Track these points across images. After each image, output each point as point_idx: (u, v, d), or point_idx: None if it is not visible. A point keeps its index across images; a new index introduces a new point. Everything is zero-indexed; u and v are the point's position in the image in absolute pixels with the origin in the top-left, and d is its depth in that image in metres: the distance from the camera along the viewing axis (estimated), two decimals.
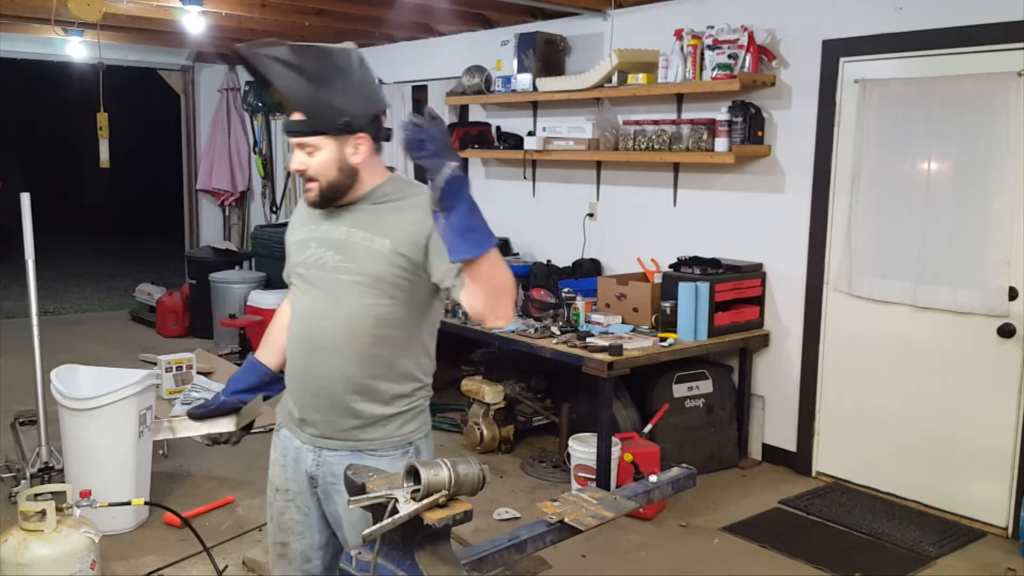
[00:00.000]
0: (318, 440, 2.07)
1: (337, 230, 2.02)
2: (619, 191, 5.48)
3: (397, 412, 2.05)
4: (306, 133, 1.95)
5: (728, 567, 3.65)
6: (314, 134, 1.94)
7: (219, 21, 6.25)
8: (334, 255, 2.00)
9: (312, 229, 2.06)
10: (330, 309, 2.00)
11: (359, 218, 2.01)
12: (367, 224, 2.00)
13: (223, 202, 9.26)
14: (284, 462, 2.16)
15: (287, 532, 2.18)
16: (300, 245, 2.08)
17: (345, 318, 1.98)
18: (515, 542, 1.65)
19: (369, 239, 1.98)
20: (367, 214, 2.01)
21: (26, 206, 3.82)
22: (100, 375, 4.05)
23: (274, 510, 2.20)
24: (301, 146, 1.97)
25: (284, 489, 2.16)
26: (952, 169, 4.01)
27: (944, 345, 4.09)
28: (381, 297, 1.97)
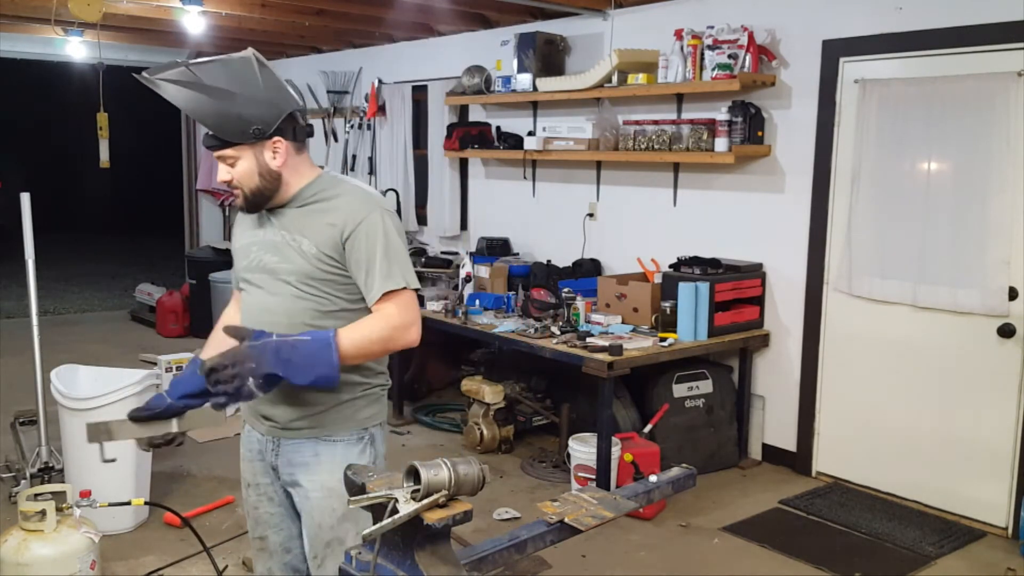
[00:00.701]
0: (275, 431, 2.13)
1: (273, 233, 2.10)
2: (619, 191, 5.48)
3: (351, 398, 2.10)
4: (219, 146, 2.02)
5: (728, 567, 3.65)
6: (227, 146, 2.01)
7: (219, 21, 6.25)
8: (271, 256, 2.08)
9: (253, 234, 2.15)
10: (270, 306, 2.07)
11: (288, 221, 2.09)
12: (294, 226, 2.07)
13: (223, 202, 9.25)
14: (250, 456, 2.22)
15: (264, 526, 2.23)
16: (243, 250, 2.17)
17: (284, 313, 2.05)
18: (515, 542, 1.65)
19: (297, 241, 2.06)
20: (294, 216, 2.08)
21: (26, 206, 3.82)
22: (100, 375, 4.05)
23: (248, 505, 2.25)
24: (221, 158, 2.04)
25: (255, 483, 2.22)
26: (952, 169, 4.01)
27: (944, 345, 4.09)
28: (315, 292, 2.05)
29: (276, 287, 2.07)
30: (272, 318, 2.04)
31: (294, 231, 2.06)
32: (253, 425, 2.19)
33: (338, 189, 2.09)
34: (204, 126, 2.03)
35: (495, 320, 4.82)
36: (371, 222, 2.02)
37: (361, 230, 2.01)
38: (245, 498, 2.26)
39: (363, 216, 2.02)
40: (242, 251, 2.18)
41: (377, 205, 2.06)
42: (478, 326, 4.73)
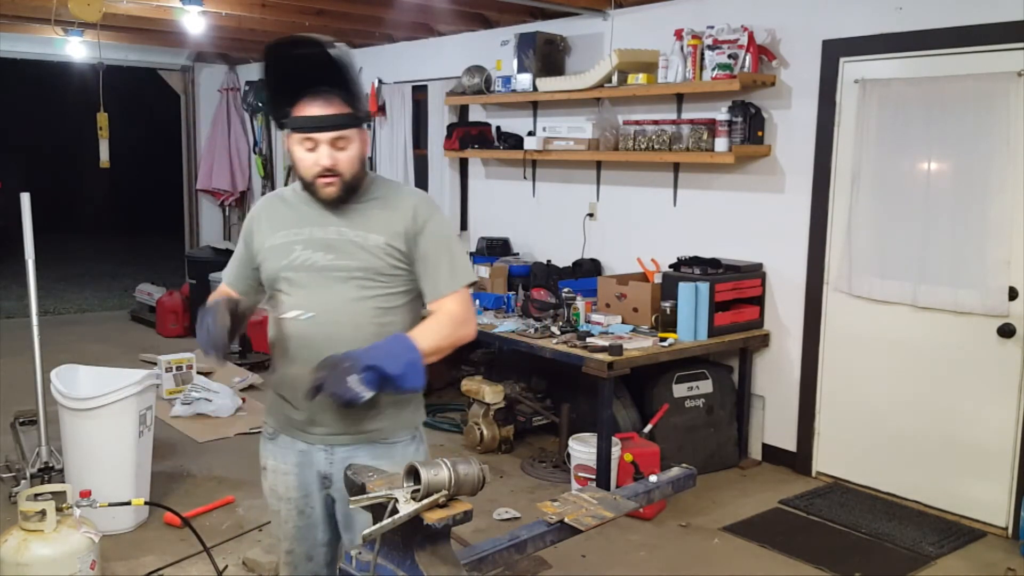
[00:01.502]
0: (330, 438, 2.07)
1: (324, 231, 2.03)
2: (619, 191, 5.48)
3: (404, 400, 2.09)
4: (347, 125, 1.96)
5: (728, 567, 3.65)
6: (353, 126, 1.97)
7: (219, 21, 6.25)
8: (325, 255, 2.02)
9: (293, 232, 2.06)
10: (328, 306, 2.00)
11: (349, 217, 2.03)
12: (359, 222, 2.03)
13: (223, 202, 9.26)
14: (286, 469, 2.13)
15: (292, 539, 2.18)
16: (282, 249, 2.06)
17: (347, 312, 1.99)
18: (515, 542, 1.65)
19: (363, 236, 2.02)
20: (357, 213, 2.04)
21: (26, 206, 3.82)
22: (100, 375, 4.05)
23: (280, 519, 2.19)
24: (339, 139, 1.96)
25: (287, 498, 2.15)
26: (952, 169, 4.01)
27: (944, 345, 4.09)
28: (380, 288, 2.02)
29: (331, 285, 2.01)
30: (333, 317, 1.99)
31: (358, 227, 2.02)
32: (296, 436, 2.11)
33: (394, 186, 2.12)
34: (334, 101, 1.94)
35: (495, 320, 4.82)
36: (438, 220, 2.08)
37: (431, 227, 2.05)
38: (276, 511, 2.19)
39: (430, 213, 2.07)
40: (279, 249, 2.07)
41: (435, 204, 2.13)
42: (478, 326, 4.72)
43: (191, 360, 5.95)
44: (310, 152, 1.96)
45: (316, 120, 1.94)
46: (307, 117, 1.94)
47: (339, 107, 1.95)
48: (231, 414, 5.46)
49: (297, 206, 2.09)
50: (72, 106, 11.23)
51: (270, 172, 8.86)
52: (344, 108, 1.95)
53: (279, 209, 2.13)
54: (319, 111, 1.94)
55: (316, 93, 1.94)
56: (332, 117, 1.94)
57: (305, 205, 2.07)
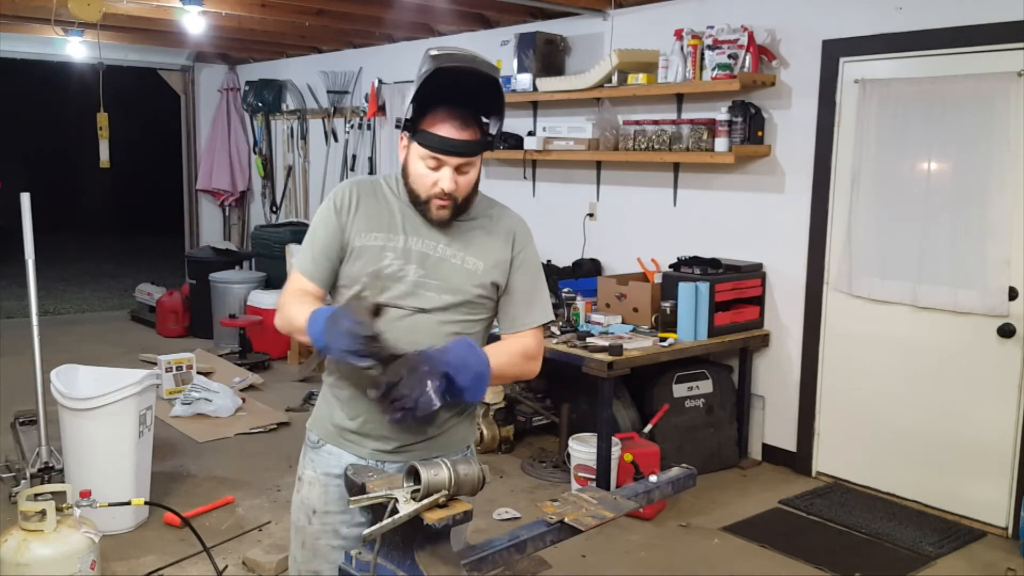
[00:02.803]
0: (383, 455, 1.96)
1: (422, 244, 1.92)
2: (619, 191, 5.48)
3: (459, 420, 2.02)
4: (480, 152, 1.87)
5: (728, 567, 3.65)
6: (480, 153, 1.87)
7: (219, 21, 6.25)
8: (417, 268, 1.90)
9: (388, 237, 1.92)
10: (410, 323, 1.89)
11: (451, 235, 1.93)
12: (460, 242, 1.93)
13: (223, 202, 9.26)
14: (326, 481, 2.00)
15: (321, 560, 2.02)
16: (375, 252, 1.92)
17: (427, 334, 1.88)
18: (515, 542, 1.65)
19: (461, 258, 1.92)
20: (459, 232, 1.94)
21: (26, 206, 3.82)
22: (100, 375, 4.05)
23: (308, 535, 2.03)
24: (461, 166, 1.85)
25: (323, 512, 2.01)
26: (952, 169, 4.01)
27: (944, 345, 4.09)
28: (465, 315, 1.94)
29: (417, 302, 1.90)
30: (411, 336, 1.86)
31: (458, 246, 1.92)
32: (347, 448, 1.98)
33: (495, 208, 2.02)
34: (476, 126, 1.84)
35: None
36: (533, 250, 2.01)
37: (526, 256, 1.99)
38: (302, 527, 2.04)
39: (527, 242, 2.00)
40: (371, 252, 1.92)
41: (530, 233, 2.03)
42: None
43: (191, 360, 5.95)
44: (432, 171, 1.85)
45: (451, 144, 1.82)
46: (442, 138, 1.82)
47: (475, 132, 1.85)
48: (231, 414, 5.45)
49: (395, 207, 1.95)
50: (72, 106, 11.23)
51: (270, 172, 8.86)
52: (478, 134, 1.85)
53: (375, 204, 1.96)
54: (455, 134, 1.82)
55: (455, 111, 1.84)
56: (468, 144, 1.83)
57: (404, 209, 1.94)
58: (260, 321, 6.87)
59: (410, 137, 1.87)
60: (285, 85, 8.47)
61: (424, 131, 1.84)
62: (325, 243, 1.95)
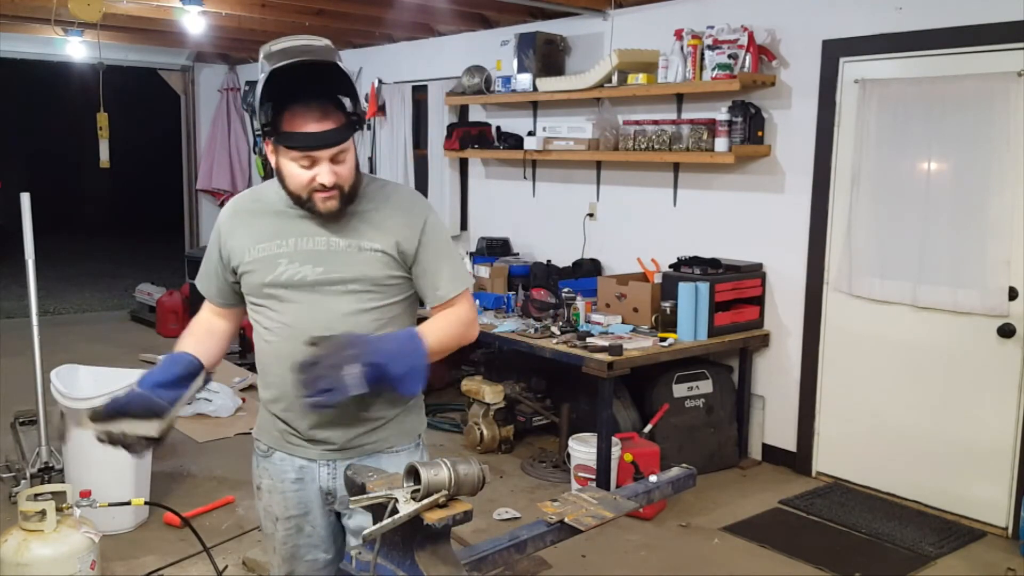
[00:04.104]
0: (332, 454, 1.97)
1: (313, 242, 1.89)
2: (619, 191, 5.48)
3: (404, 408, 2.02)
4: (348, 137, 1.82)
5: (728, 567, 3.65)
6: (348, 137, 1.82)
7: (219, 21, 6.25)
8: (314, 267, 1.88)
9: (276, 244, 1.90)
10: (321, 321, 1.87)
11: (340, 226, 1.89)
12: (351, 229, 1.90)
13: (223, 202, 9.25)
14: (283, 488, 2.01)
15: (294, 560, 2.06)
16: (267, 262, 1.90)
17: (344, 327, 1.85)
18: (515, 542, 1.65)
19: (356, 245, 1.89)
20: (348, 219, 1.90)
21: (26, 206, 3.82)
22: (100, 375, 4.05)
23: (276, 541, 2.07)
24: (339, 153, 1.81)
25: (286, 516, 2.03)
26: (952, 169, 4.01)
27: (944, 345, 4.09)
28: (376, 298, 1.92)
29: (324, 300, 1.88)
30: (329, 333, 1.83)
31: (350, 234, 1.89)
32: (295, 452, 1.99)
33: (384, 187, 1.97)
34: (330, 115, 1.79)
35: (495, 320, 4.82)
36: (435, 221, 1.98)
37: (428, 232, 1.95)
38: (271, 533, 2.07)
39: (425, 216, 1.96)
40: (261, 264, 1.91)
41: (428, 204, 2.02)
42: (479, 326, 4.72)
43: None
44: (305, 169, 1.81)
45: (316, 138, 1.78)
46: (305, 135, 1.77)
47: (337, 119, 1.80)
48: (231, 414, 5.45)
49: (275, 213, 1.93)
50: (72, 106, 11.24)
51: (270, 172, 8.84)
52: (341, 118, 1.80)
53: (254, 217, 1.95)
54: (317, 126, 1.77)
55: (309, 103, 1.79)
56: (333, 133, 1.78)
57: (286, 212, 1.91)
58: None
59: (275, 141, 1.83)
60: None
61: (287, 132, 1.79)
62: (215, 266, 2.01)
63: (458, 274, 2.00)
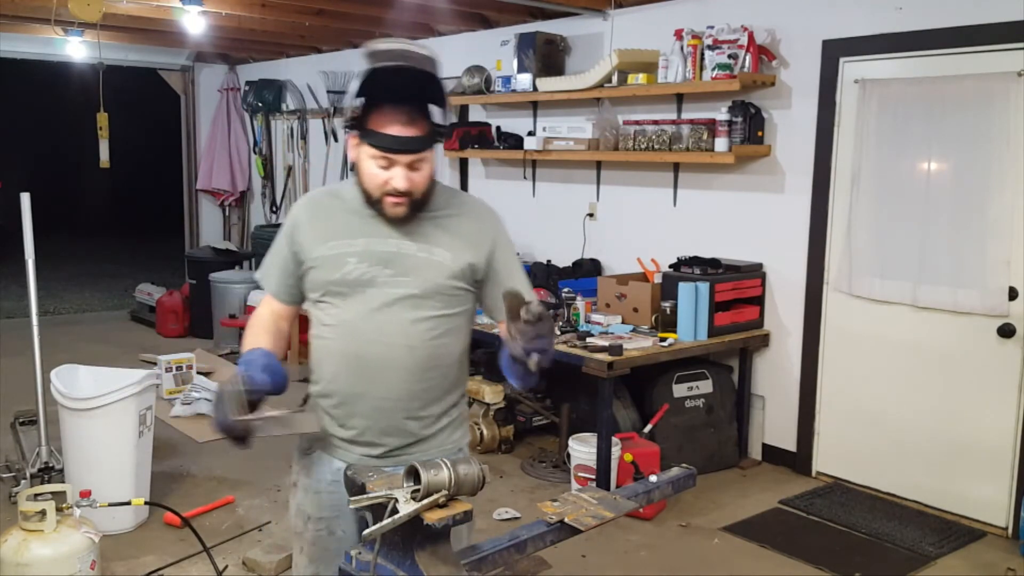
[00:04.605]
0: (372, 460, 1.94)
1: (384, 244, 1.89)
2: (619, 191, 5.48)
3: (449, 422, 2.01)
4: (430, 147, 1.83)
5: (728, 567, 3.65)
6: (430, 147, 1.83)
7: (219, 21, 6.25)
8: (383, 269, 1.88)
9: (346, 243, 1.91)
10: (383, 325, 1.88)
11: (413, 231, 1.90)
12: (423, 236, 1.90)
13: (223, 202, 9.26)
14: (318, 487, 2.00)
15: (318, 563, 2.03)
16: (334, 261, 1.90)
17: (402, 334, 1.87)
18: (515, 542, 1.65)
19: (428, 250, 1.89)
20: (422, 226, 1.90)
21: (26, 206, 3.82)
22: (100, 375, 4.05)
23: (305, 540, 2.05)
24: (417, 161, 1.82)
25: (318, 517, 2.01)
26: (952, 169, 4.01)
27: (944, 345, 4.09)
28: (439, 309, 1.91)
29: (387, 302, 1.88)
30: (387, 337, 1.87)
31: (422, 240, 1.89)
32: (335, 454, 1.98)
33: (459, 198, 1.99)
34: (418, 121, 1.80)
35: None
36: (504, 236, 2.00)
37: (501, 243, 1.97)
38: (299, 532, 2.06)
39: (499, 228, 1.99)
40: (332, 261, 1.90)
41: (499, 217, 2.03)
42: (478, 326, 4.71)
43: (191, 360, 5.95)
44: (383, 169, 1.82)
45: (398, 141, 1.79)
46: (388, 136, 1.79)
47: (422, 127, 1.81)
48: None
49: (351, 212, 1.93)
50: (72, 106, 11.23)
51: (270, 172, 8.86)
52: (426, 127, 1.82)
53: (329, 213, 1.96)
54: (401, 131, 1.79)
55: (399, 106, 1.80)
56: (415, 140, 1.80)
57: (359, 211, 1.92)
58: None
59: (359, 136, 1.85)
60: (285, 85, 8.47)
61: (372, 130, 1.81)
62: (284, 261, 1.99)
63: (528, 285, 1.99)
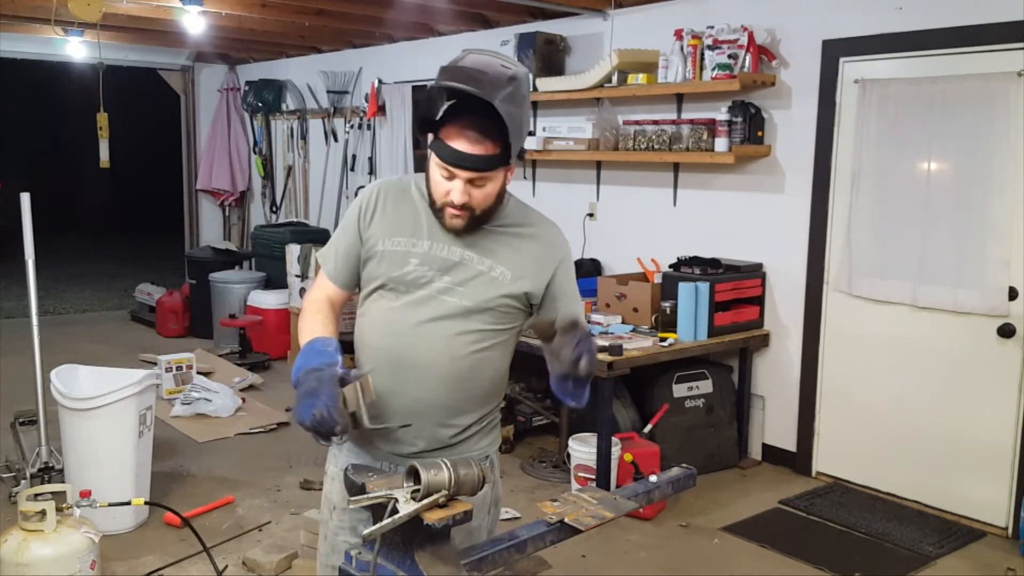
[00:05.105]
0: (397, 459, 1.93)
1: (448, 250, 1.88)
2: (619, 191, 5.48)
3: (479, 429, 1.99)
4: (492, 168, 1.79)
5: (728, 567, 3.65)
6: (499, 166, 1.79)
7: (219, 21, 6.25)
8: (441, 276, 1.87)
9: (410, 242, 1.89)
10: (430, 330, 1.87)
11: (478, 242, 1.88)
12: (487, 250, 1.89)
13: (223, 202, 9.26)
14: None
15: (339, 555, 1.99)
16: (398, 257, 1.89)
17: (446, 341, 1.86)
18: (515, 542, 1.65)
19: (489, 266, 1.88)
20: (487, 239, 1.89)
21: (26, 206, 3.82)
22: (100, 375, 4.05)
23: (328, 530, 2.06)
24: (474, 179, 1.79)
25: (342, 508, 2.00)
26: (952, 169, 4.01)
27: (944, 345, 4.09)
28: (489, 324, 1.90)
29: (439, 309, 1.86)
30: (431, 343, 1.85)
31: (486, 253, 1.88)
32: (364, 447, 1.98)
33: (530, 216, 1.96)
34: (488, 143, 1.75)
35: None
36: (569, 256, 1.99)
37: (563, 266, 1.96)
38: (326, 520, 2.06)
39: (564, 251, 1.98)
40: (395, 257, 1.89)
41: (566, 242, 2.01)
42: None
43: (191, 360, 5.95)
44: (445, 179, 1.80)
45: (459, 157, 1.76)
46: (452, 150, 1.76)
47: (490, 147, 1.76)
48: (231, 414, 5.45)
49: (421, 211, 1.92)
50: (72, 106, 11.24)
51: (270, 172, 8.87)
52: (495, 149, 1.77)
53: (399, 207, 1.93)
54: (467, 147, 1.75)
55: (473, 124, 1.76)
56: (478, 159, 1.76)
57: (429, 212, 1.90)
58: (260, 321, 6.87)
59: (430, 143, 1.83)
60: (285, 85, 8.47)
61: (440, 140, 1.78)
62: (347, 248, 1.96)
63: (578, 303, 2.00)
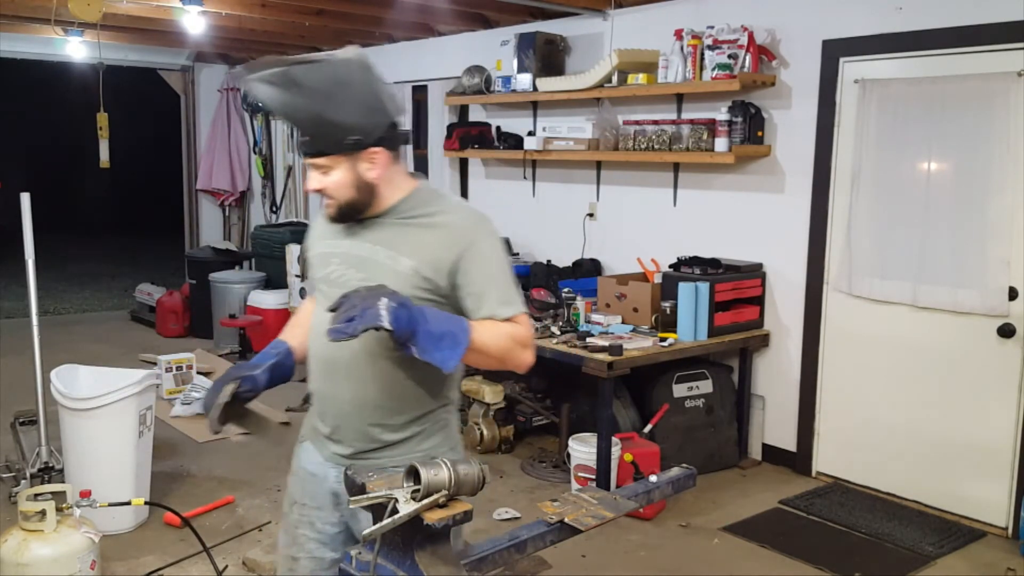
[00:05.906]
0: (340, 459, 1.97)
1: (360, 246, 1.92)
2: (619, 191, 5.49)
3: (420, 430, 1.96)
4: (313, 154, 1.86)
5: (728, 567, 3.65)
6: (321, 154, 1.84)
7: (219, 21, 6.24)
8: (356, 272, 1.90)
9: (333, 243, 1.97)
10: None
11: (382, 235, 1.91)
12: (390, 242, 1.90)
13: (223, 202, 9.25)
14: (302, 476, 2.08)
15: (299, 547, 2.07)
16: (321, 259, 1.99)
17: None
18: (515, 542, 1.65)
19: (393, 258, 1.88)
20: (391, 230, 1.91)
21: (26, 206, 3.82)
22: (100, 375, 4.05)
23: (288, 522, 2.12)
24: (313, 166, 1.87)
25: (300, 503, 2.08)
26: (952, 169, 4.01)
27: (944, 345, 4.09)
28: None
29: None
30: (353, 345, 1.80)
31: (390, 246, 1.89)
32: (316, 447, 2.04)
33: (440, 205, 1.93)
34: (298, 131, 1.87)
35: None
36: (484, 244, 1.91)
37: (474, 252, 1.89)
38: (286, 513, 2.12)
39: (474, 237, 1.90)
40: (320, 259, 2.00)
41: (485, 224, 1.95)
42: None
43: (191, 360, 5.95)
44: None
45: (298, 144, 1.89)
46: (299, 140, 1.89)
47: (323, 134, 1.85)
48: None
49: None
50: (72, 106, 11.23)
51: (270, 172, 8.87)
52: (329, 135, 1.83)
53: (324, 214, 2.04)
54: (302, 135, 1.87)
55: None
56: (302, 143, 1.86)
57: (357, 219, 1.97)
58: (260, 321, 6.86)
59: None
60: None
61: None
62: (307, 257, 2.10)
63: (509, 298, 1.91)
